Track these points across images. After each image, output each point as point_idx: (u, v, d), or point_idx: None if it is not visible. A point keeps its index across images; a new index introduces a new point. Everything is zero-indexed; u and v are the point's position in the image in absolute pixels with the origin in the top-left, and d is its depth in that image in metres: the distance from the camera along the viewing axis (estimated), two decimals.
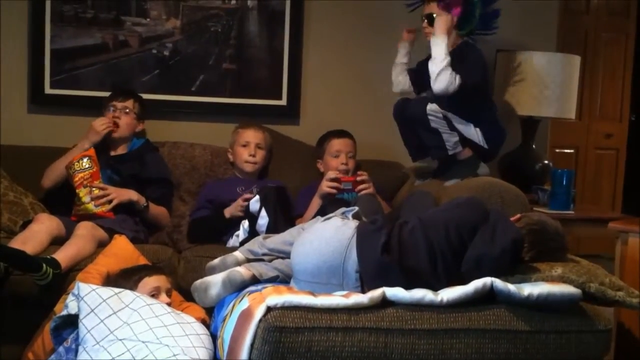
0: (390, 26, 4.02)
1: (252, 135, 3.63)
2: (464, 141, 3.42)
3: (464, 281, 2.36)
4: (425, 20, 3.47)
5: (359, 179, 3.38)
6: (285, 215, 3.22)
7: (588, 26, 5.82)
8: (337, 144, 3.61)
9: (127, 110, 3.55)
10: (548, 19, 4.31)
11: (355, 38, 4.12)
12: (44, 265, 2.72)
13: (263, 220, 3.15)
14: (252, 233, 3.16)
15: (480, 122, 3.43)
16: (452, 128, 3.37)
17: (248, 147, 3.60)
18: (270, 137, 3.72)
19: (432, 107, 3.33)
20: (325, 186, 3.37)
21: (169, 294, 2.67)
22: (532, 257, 2.54)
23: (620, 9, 5.90)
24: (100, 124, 3.46)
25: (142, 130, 3.67)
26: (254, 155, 3.59)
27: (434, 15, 3.42)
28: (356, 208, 2.81)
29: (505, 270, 2.42)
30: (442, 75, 3.25)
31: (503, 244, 2.39)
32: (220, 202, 3.46)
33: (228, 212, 3.38)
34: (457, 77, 3.26)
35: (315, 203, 3.39)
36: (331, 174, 3.41)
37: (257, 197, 3.21)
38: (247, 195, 3.32)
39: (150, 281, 2.63)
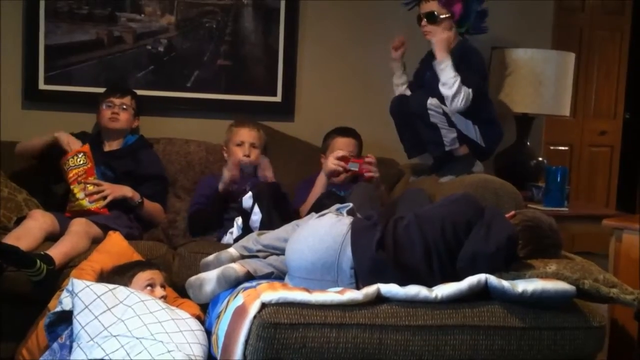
0: (385, 23, 4.03)
1: (246, 135, 3.60)
2: (461, 138, 3.43)
3: (459, 278, 2.37)
4: (424, 19, 3.46)
5: (367, 160, 3.38)
6: (279, 211, 3.21)
7: (583, 24, 5.83)
8: (339, 142, 3.60)
9: (125, 106, 3.55)
10: (543, 17, 4.32)
11: (350, 35, 4.11)
12: (38, 261, 2.72)
13: (256, 216, 3.14)
14: (246, 230, 3.15)
15: (478, 120, 3.44)
16: (451, 124, 3.37)
17: (242, 146, 3.57)
18: (265, 135, 3.71)
19: (432, 101, 3.33)
20: (332, 163, 3.36)
21: (163, 288, 2.67)
22: (526, 254, 2.54)
23: (615, 7, 5.91)
24: (65, 140, 3.38)
25: (136, 127, 3.66)
26: (248, 156, 3.57)
27: (435, 13, 3.41)
28: (350, 205, 2.80)
29: (500, 267, 2.42)
30: (457, 96, 3.27)
31: (498, 241, 2.39)
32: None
33: (222, 186, 3.37)
34: (470, 91, 3.26)
35: (321, 181, 3.38)
36: (339, 152, 3.40)
37: (250, 193, 3.20)
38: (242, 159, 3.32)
39: (144, 275, 2.63)
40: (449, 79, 3.30)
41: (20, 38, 3.82)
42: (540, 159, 4.10)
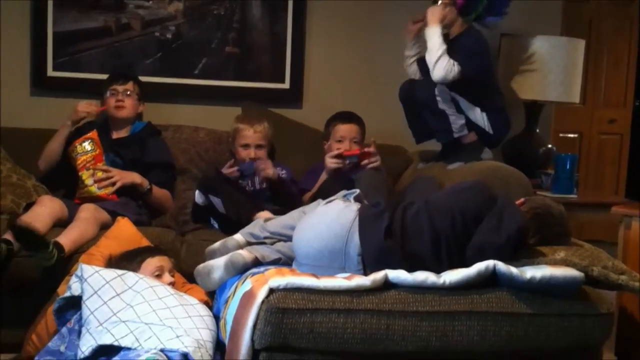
0: (394, 9, 4.01)
1: (251, 138, 3.48)
2: (470, 125, 3.42)
3: (466, 267, 2.36)
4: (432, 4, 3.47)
5: (365, 150, 3.38)
6: (238, 190, 3.24)
7: (593, 12, 5.80)
8: (341, 129, 3.57)
9: (128, 92, 3.54)
10: (553, 4, 4.29)
11: (358, 21, 4.10)
12: (51, 244, 2.73)
13: (217, 203, 3.17)
14: (223, 220, 3.18)
15: (486, 107, 3.43)
16: (459, 110, 3.37)
17: (248, 149, 3.49)
18: (271, 127, 3.58)
19: (441, 87, 3.32)
20: (329, 162, 3.37)
21: (171, 274, 2.67)
22: (536, 241, 2.54)
23: None
24: (83, 107, 3.43)
25: (140, 112, 3.66)
26: (254, 159, 3.50)
27: (438, 0, 3.42)
28: (357, 191, 2.80)
29: (509, 257, 2.41)
30: (438, 63, 3.26)
31: (509, 232, 2.39)
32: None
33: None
34: (456, 64, 3.25)
35: (324, 179, 3.39)
36: (333, 153, 3.42)
37: (197, 192, 3.23)
38: (232, 167, 3.36)
39: (153, 261, 2.65)
40: (433, 45, 3.30)
41: (29, 25, 3.82)
42: (550, 146, 4.09)
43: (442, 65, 3.25)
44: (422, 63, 3.59)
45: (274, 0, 4.00)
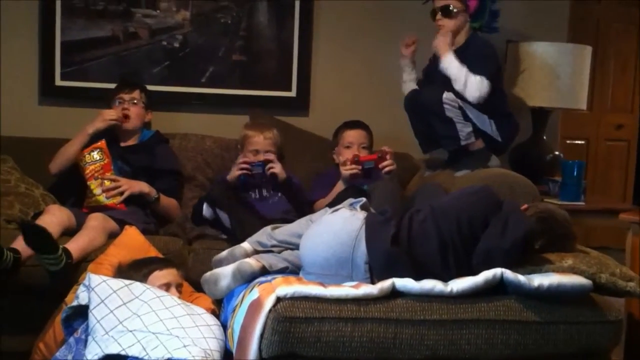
0: (401, 17, 4.02)
1: (261, 144, 3.49)
2: (477, 132, 3.41)
3: (474, 273, 2.36)
4: (440, 13, 3.45)
5: (380, 155, 3.37)
6: (246, 205, 3.22)
7: (599, 16, 5.79)
8: (349, 135, 3.59)
9: (135, 101, 3.55)
10: (559, 9, 4.29)
11: (365, 29, 4.11)
12: (60, 249, 2.74)
13: (224, 218, 3.17)
14: (228, 233, 3.17)
15: (494, 114, 3.42)
16: (467, 118, 3.36)
17: (258, 155, 3.48)
18: (279, 135, 3.58)
19: (448, 95, 3.32)
20: (345, 170, 3.36)
21: (179, 289, 2.66)
22: (541, 245, 2.53)
23: None
24: (110, 114, 3.46)
25: (149, 121, 3.67)
26: (264, 160, 3.53)
27: (451, 7, 3.41)
28: (364, 199, 2.80)
29: (515, 263, 2.40)
30: (469, 85, 3.25)
31: (515, 236, 2.38)
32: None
33: (230, 177, 3.38)
34: (483, 78, 3.24)
35: (338, 189, 3.38)
36: (347, 158, 3.40)
37: (205, 205, 3.21)
38: (245, 159, 3.35)
39: (161, 276, 2.63)
40: (456, 73, 3.30)
41: (37, 34, 3.84)
42: (557, 153, 4.08)
43: (473, 86, 3.24)
44: (421, 84, 3.59)
45: (280, 8, 4.01)
